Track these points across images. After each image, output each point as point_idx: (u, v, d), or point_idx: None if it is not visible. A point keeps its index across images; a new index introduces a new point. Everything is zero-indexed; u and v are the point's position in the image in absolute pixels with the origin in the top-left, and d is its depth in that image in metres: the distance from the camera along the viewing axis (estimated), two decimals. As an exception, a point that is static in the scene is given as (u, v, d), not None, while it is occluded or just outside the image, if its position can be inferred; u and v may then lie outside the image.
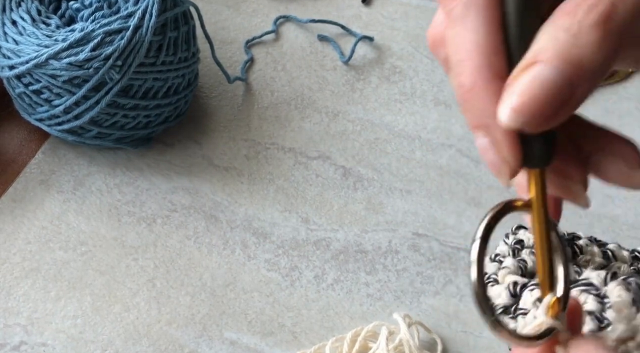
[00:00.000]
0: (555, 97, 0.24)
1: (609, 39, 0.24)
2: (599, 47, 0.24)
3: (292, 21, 0.82)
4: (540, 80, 0.24)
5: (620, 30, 0.24)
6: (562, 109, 0.25)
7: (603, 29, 0.24)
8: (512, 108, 0.25)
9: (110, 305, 0.62)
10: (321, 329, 0.61)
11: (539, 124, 0.25)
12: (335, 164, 0.70)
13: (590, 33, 0.24)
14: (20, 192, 0.68)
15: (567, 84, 0.24)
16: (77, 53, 0.63)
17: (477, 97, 0.26)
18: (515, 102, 0.24)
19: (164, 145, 0.72)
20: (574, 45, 0.24)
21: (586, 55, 0.24)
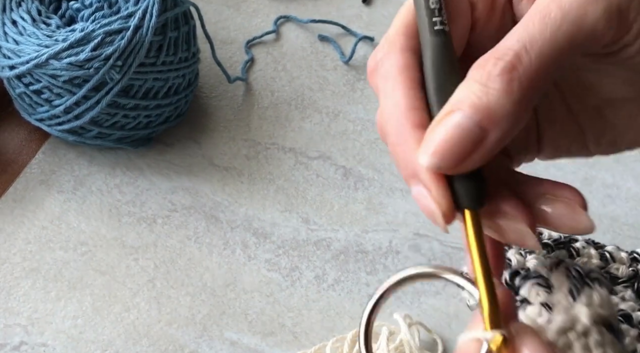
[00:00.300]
0: (467, 140, 0.27)
1: (515, 85, 0.26)
2: (505, 93, 0.26)
3: (292, 21, 0.82)
4: (453, 125, 0.27)
5: (526, 77, 0.26)
6: (475, 151, 0.27)
7: (509, 78, 0.26)
8: (429, 152, 0.27)
9: (111, 305, 0.62)
10: (322, 329, 0.61)
11: (455, 164, 0.27)
12: (335, 164, 0.70)
13: (497, 81, 0.26)
14: (21, 192, 0.68)
15: (477, 128, 0.27)
16: (77, 53, 0.63)
17: (402, 149, 0.28)
18: (430, 147, 0.27)
19: (164, 145, 0.72)
20: (484, 93, 0.26)
21: (494, 101, 0.26)
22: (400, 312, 0.60)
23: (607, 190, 0.68)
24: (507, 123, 0.27)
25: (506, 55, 0.27)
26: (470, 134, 0.27)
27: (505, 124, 0.27)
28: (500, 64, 0.27)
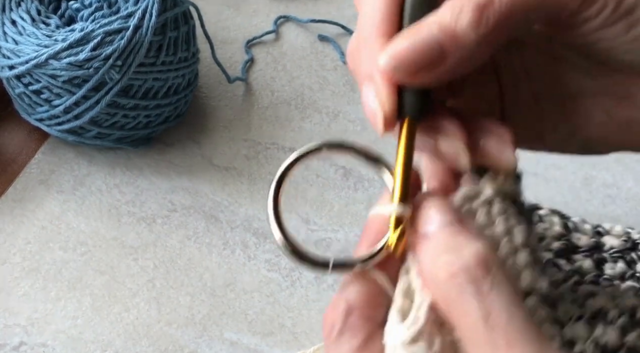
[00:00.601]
0: (427, 53, 0.29)
1: (483, 21, 0.29)
2: (473, 25, 0.29)
3: (292, 21, 0.82)
4: (418, 38, 0.29)
5: (494, 18, 0.29)
6: (431, 67, 0.29)
7: (479, 14, 0.29)
8: (389, 54, 0.29)
9: (110, 305, 0.62)
10: (321, 329, 0.60)
11: (409, 72, 0.29)
12: (335, 164, 0.70)
13: (468, 13, 0.29)
14: (20, 192, 0.68)
15: (439, 46, 0.29)
16: (77, 53, 0.63)
17: (365, 51, 0.31)
18: (392, 50, 0.29)
19: (164, 145, 0.71)
20: (453, 20, 0.29)
21: (461, 30, 0.29)
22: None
23: (607, 190, 0.68)
24: (466, 51, 0.29)
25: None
26: (431, 49, 0.29)
27: (464, 52, 0.29)
28: (474, 0, 0.29)
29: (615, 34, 0.30)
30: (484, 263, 0.27)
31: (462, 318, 0.26)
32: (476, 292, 0.26)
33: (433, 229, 0.29)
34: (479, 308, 0.26)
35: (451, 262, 0.27)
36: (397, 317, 0.28)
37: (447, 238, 0.28)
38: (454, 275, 0.27)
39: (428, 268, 0.28)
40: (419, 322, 0.28)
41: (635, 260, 0.48)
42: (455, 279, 0.27)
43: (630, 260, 0.48)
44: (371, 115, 0.30)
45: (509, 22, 0.29)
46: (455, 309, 0.27)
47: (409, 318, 0.28)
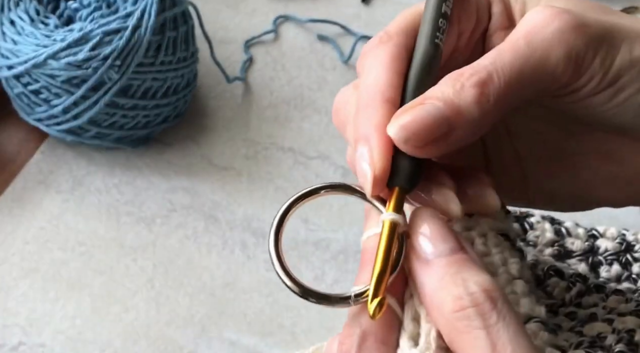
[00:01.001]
0: (435, 127, 0.30)
1: (485, 98, 0.30)
2: (475, 102, 0.30)
3: (291, 21, 0.82)
4: (427, 111, 0.30)
5: (494, 95, 0.30)
6: (439, 140, 0.30)
7: (480, 91, 0.30)
8: (401, 125, 0.30)
9: (109, 305, 0.62)
10: (321, 329, 0.60)
11: (418, 144, 0.30)
12: (334, 164, 0.70)
13: (470, 91, 0.30)
14: (19, 192, 0.68)
15: (447, 122, 0.30)
16: (75, 53, 0.63)
17: (369, 112, 0.31)
18: (403, 121, 0.30)
19: (163, 145, 0.71)
20: (457, 97, 0.30)
21: (465, 106, 0.30)
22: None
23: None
24: (470, 127, 0.30)
25: (481, 72, 0.30)
26: (440, 124, 0.30)
27: (469, 127, 0.30)
28: (474, 78, 0.30)
29: (602, 101, 0.32)
30: (491, 296, 0.27)
31: (468, 350, 0.27)
32: (484, 325, 0.27)
33: (436, 255, 0.29)
34: (486, 341, 0.26)
35: (458, 295, 0.27)
36: (409, 343, 0.29)
37: (451, 267, 0.28)
38: (462, 308, 0.27)
39: (432, 299, 0.28)
40: (430, 348, 0.28)
41: (630, 262, 0.48)
42: (463, 312, 0.27)
43: (626, 262, 0.48)
44: (361, 175, 0.31)
45: (508, 97, 0.30)
46: (462, 341, 0.27)
47: (420, 344, 0.29)
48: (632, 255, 0.48)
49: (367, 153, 0.30)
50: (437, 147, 0.30)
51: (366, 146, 0.31)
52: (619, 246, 0.49)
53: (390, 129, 0.30)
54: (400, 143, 0.30)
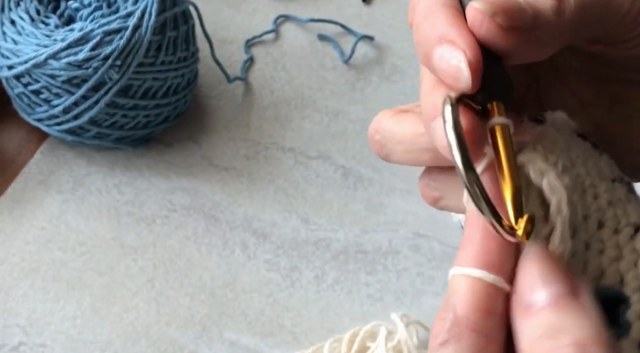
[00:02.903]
0: (521, 13, 0.28)
1: (562, 11, 0.28)
2: (554, 11, 0.28)
3: (292, 20, 0.81)
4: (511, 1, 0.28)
5: (570, 10, 0.28)
6: (523, 31, 0.28)
7: (558, 2, 0.28)
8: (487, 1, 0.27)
9: (110, 305, 0.61)
10: (321, 330, 0.60)
11: (505, 21, 0.27)
12: (335, 164, 0.70)
13: (548, 1, 0.28)
14: (19, 192, 0.68)
15: (531, 16, 0.28)
16: (76, 53, 0.63)
17: (432, 18, 0.29)
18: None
19: (164, 145, 0.71)
20: (537, 1, 0.28)
21: (544, 10, 0.28)
22: (398, 312, 0.59)
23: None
24: (548, 32, 0.28)
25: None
26: (523, 11, 0.28)
27: (547, 32, 0.28)
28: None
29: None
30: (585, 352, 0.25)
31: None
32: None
33: (538, 305, 0.26)
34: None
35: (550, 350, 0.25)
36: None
37: (554, 317, 0.26)
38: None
39: (528, 350, 0.26)
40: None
41: None
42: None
43: None
44: (453, 69, 0.27)
45: (578, 20, 0.29)
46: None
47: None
48: None
49: (451, 47, 0.28)
50: (517, 38, 0.28)
51: (447, 43, 0.28)
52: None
53: (476, 3, 0.28)
54: (486, 17, 0.27)
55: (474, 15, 0.28)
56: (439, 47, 0.28)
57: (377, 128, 0.33)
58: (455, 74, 0.27)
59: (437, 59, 0.28)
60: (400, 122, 0.33)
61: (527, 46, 0.28)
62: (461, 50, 0.27)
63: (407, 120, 0.32)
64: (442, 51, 0.28)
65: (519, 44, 0.28)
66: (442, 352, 0.26)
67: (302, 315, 0.61)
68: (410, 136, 0.32)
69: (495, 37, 0.28)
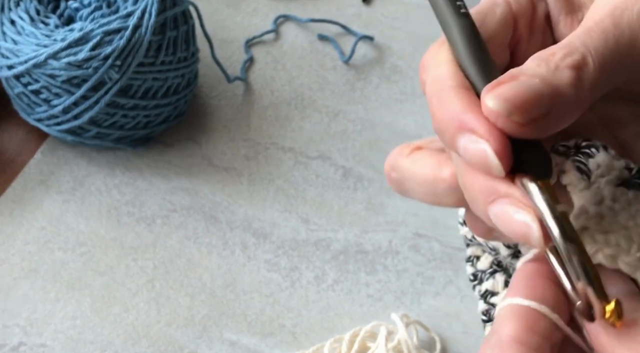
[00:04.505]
0: (537, 103, 0.27)
1: (581, 82, 0.27)
2: (573, 85, 0.27)
3: (292, 20, 0.81)
4: (527, 86, 0.27)
5: (591, 79, 0.28)
6: (539, 120, 0.27)
7: (577, 73, 0.27)
8: (503, 96, 0.26)
9: (110, 306, 0.61)
10: (321, 330, 0.60)
11: (521, 119, 0.26)
12: (335, 164, 0.70)
13: (566, 72, 0.27)
14: (19, 193, 0.68)
15: (547, 99, 0.27)
16: (76, 53, 0.63)
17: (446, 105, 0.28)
18: (505, 92, 0.27)
19: (164, 145, 0.71)
20: (554, 76, 0.27)
21: (563, 86, 0.27)
22: (398, 312, 0.60)
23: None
24: (567, 109, 0.28)
25: (575, 53, 0.28)
26: (539, 100, 0.27)
27: (565, 110, 0.27)
28: (569, 59, 0.27)
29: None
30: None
31: None
32: None
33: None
34: None
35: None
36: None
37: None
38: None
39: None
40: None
41: None
42: None
43: None
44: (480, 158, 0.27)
45: (601, 81, 0.28)
46: None
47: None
48: None
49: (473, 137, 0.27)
50: (535, 128, 0.27)
51: (467, 134, 0.27)
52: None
53: (490, 101, 0.27)
54: (501, 117, 0.26)
55: (489, 114, 0.27)
56: (461, 137, 0.28)
57: (393, 166, 0.33)
58: (485, 164, 0.27)
59: (462, 150, 0.28)
60: (417, 161, 0.32)
61: (548, 128, 0.27)
62: (484, 139, 0.27)
63: (425, 160, 0.32)
64: (465, 142, 0.27)
65: (542, 129, 0.27)
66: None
67: (302, 315, 0.61)
68: (432, 180, 0.31)
69: (515, 131, 0.27)
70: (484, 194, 0.28)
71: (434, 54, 0.31)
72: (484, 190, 0.28)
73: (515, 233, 0.27)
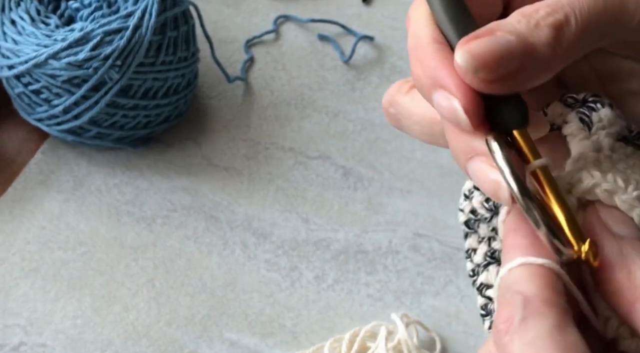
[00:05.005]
0: (506, 61, 0.27)
1: (560, 41, 0.27)
2: (549, 44, 0.27)
3: (292, 21, 0.82)
4: (499, 43, 0.27)
5: (570, 39, 0.28)
6: (507, 78, 0.27)
7: (556, 32, 0.27)
8: (471, 52, 0.27)
9: (110, 305, 0.62)
10: (321, 330, 0.60)
11: (488, 76, 0.27)
12: (335, 164, 0.70)
13: (545, 31, 0.27)
14: (20, 192, 0.68)
15: (519, 57, 0.27)
16: (76, 53, 0.63)
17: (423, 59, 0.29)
18: (474, 48, 0.27)
19: (164, 145, 0.71)
20: (531, 34, 0.27)
21: (539, 45, 0.27)
22: (398, 312, 0.60)
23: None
24: (539, 68, 0.28)
25: (558, 12, 0.28)
26: (510, 58, 0.27)
27: (537, 69, 0.28)
28: (551, 18, 0.27)
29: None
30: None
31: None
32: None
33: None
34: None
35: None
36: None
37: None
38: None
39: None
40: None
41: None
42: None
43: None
44: (451, 114, 0.27)
45: (580, 43, 0.28)
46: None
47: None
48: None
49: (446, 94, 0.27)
50: (504, 85, 0.27)
51: (441, 89, 0.28)
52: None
53: (458, 57, 0.27)
54: (468, 73, 0.27)
55: (458, 70, 0.27)
56: (435, 93, 0.28)
57: (391, 101, 0.33)
58: (456, 120, 0.27)
59: (437, 105, 0.28)
60: (416, 99, 0.32)
61: (518, 85, 0.28)
62: (454, 96, 0.27)
63: (422, 99, 0.31)
64: (438, 98, 0.28)
65: (511, 86, 0.28)
66: (524, 328, 0.25)
67: (302, 315, 0.61)
68: (429, 121, 0.31)
69: (483, 88, 0.27)
70: (463, 151, 0.28)
71: (416, 6, 0.31)
72: (463, 146, 0.28)
73: (489, 191, 0.28)
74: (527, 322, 0.25)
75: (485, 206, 0.36)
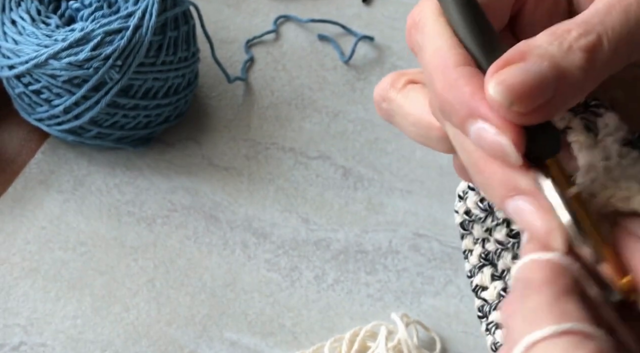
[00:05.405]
0: (543, 91, 0.26)
1: (593, 64, 0.26)
2: (583, 68, 0.26)
3: (292, 21, 0.82)
4: (532, 71, 0.26)
5: (603, 61, 0.27)
6: (545, 105, 0.26)
7: (589, 56, 0.26)
8: (504, 84, 0.25)
9: (110, 305, 0.62)
10: (321, 330, 0.61)
11: (522, 109, 0.26)
12: (335, 164, 0.70)
13: (579, 54, 0.26)
14: (20, 192, 0.68)
15: (552, 83, 0.26)
16: (76, 53, 0.63)
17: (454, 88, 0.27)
18: (507, 80, 0.25)
19: (164, 145, 0.71)
20: (564, 58, 0.26)
21: (572, 70, 0.26)
22: (398, 312, 0.60)
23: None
24: (572, 93, 0.27)
25: (590, 33, 0.27)
26: (546, 85, 0.26)
27: (570, 93, 0.27)
28: (583, 40, 0.26)
29: None
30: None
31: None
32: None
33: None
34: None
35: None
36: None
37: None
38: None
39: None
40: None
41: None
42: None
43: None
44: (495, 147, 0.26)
45: (614, 64, 0.27)
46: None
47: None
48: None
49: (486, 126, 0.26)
50: (538, 116, 0.26)
51: (479, 121, 0.26)
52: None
53: (491, 89, 0.26)
54: (503, 107, 0.26)
55: (490, 102, 0.26)
56: (472, 124, 0.27)
57: (384, 96, 0.32)
58: (502, 154, 0.26)
59: (475, 137, 0.27)
60: (411, 98, 0.31)
61: (552, 112, 0.27)
62: (501, 130, 0.26)
63: (419, 99, 0.31)
64: (477, 130, 0.27)
65: (545, 115, 0.27)
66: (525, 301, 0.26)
67: (302, 315, 0.61)
68: (426, 125, 0.31)
69: (517, 120, 0.26)
70: (503, 186, 0.27)
71: (427, 15, 0.29)
72: (503, 180, 0.27)
73: (537, 235, 0.27)
74: (528, 297, 0.26)
75: (479, 206, 0.36)
